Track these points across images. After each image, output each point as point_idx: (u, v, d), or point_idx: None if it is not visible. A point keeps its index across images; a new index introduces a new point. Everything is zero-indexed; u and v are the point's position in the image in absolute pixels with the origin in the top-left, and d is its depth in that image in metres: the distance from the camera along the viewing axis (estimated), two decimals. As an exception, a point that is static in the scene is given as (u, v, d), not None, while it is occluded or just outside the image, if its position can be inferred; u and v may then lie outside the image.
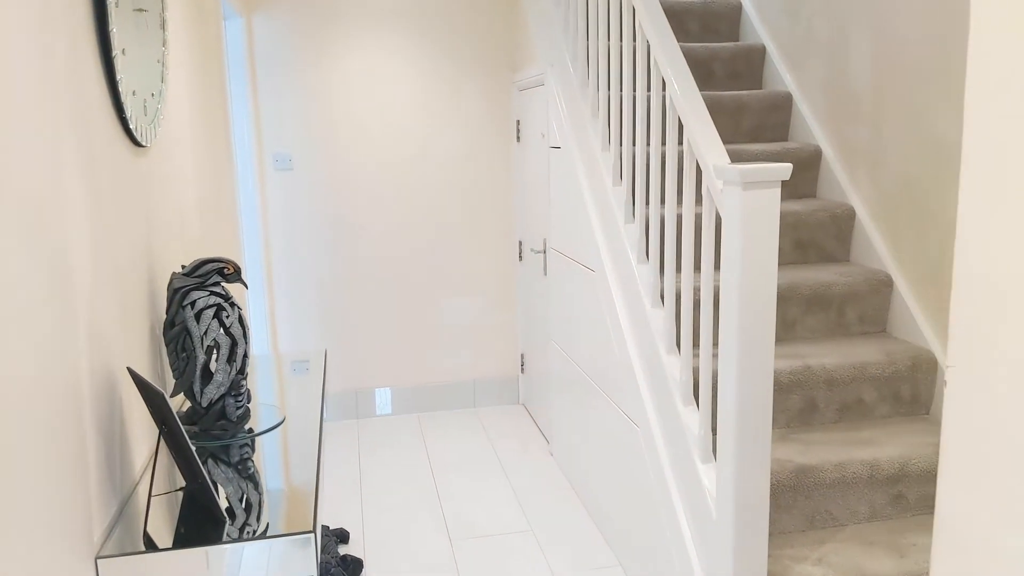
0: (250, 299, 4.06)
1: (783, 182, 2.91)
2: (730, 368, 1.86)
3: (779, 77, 3.32)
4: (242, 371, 1.87)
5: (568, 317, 3.35)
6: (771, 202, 1.80)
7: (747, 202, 1.78)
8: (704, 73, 3.31)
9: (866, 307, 2.70)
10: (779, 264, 2.82)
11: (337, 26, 4.01)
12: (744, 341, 1.83)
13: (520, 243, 4.33)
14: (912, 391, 2.51)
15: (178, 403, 2.04)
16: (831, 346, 2.60)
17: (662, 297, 2.52)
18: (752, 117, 3.22)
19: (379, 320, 4.28)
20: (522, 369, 4.46)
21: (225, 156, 3.00)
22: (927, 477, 2.29)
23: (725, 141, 3.17)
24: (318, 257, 4.17)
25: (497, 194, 4.30)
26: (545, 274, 3.80)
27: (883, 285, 2.68)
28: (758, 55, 3.42)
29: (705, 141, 2.02)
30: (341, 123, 4.08)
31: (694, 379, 2.40)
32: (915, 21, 2.53)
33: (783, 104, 3.23)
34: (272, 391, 2.23)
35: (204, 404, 1.83)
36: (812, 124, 3.12)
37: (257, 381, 2.33)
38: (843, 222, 2.87)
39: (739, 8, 3.60)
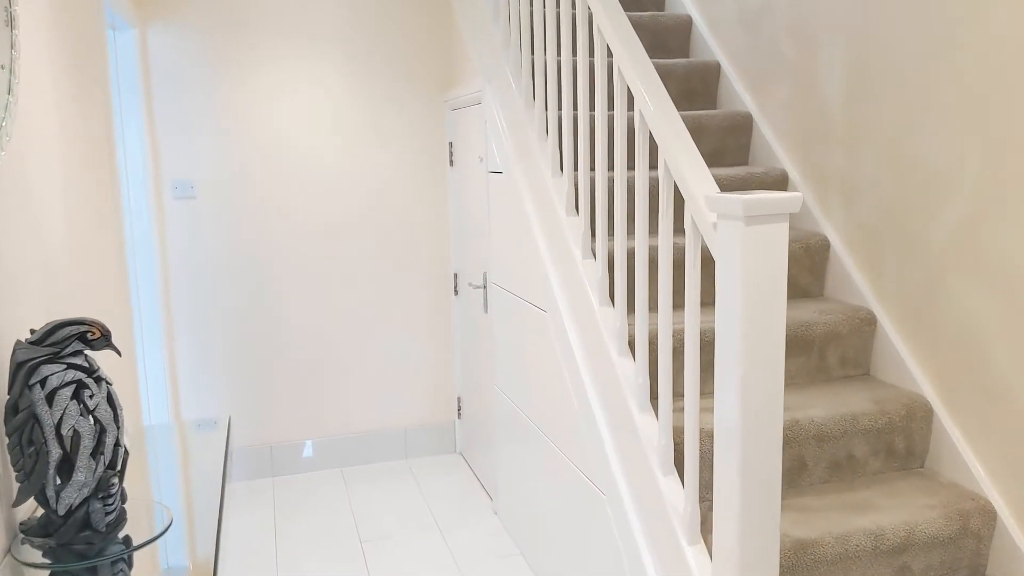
0: (146, 349, 3.55)
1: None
2: (732, 434, 1.53)
3: (737, 97, 3.08)
4: (113, 465, 1.44)
5: (514, 360, 2.99)
6: (779, 239, 1.49)
7: (751, 239, 1.47)
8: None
9: (847, 348, 2.44)
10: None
11: (247, 40, 3.58)
12: (749, 400, 1.51)
13: (456, 276, 3.95)
14: (906, 443, 2.25)
15: (27, 510, 1.57)
16: (815, 394, 2.32)
17: (631, 344, 2.19)
18: (711, 140, 2.95)
19: (298, 364, 3.83)
20: (459, 414, 4.07)
21: (109, 185, 2.53)
22: (932, 544, 2.02)
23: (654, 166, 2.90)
24: (226, 296, 3.69)
25: (429, 223, 3.92)
26: (486, 311, 3.43)
27: (865, 323, 2.43)
28: (713, 73, 3.17)
29: (689, 165, 1.71)
30: (252, 147, 3.64)
31: (676, 441, 2.08)
32: (894, 36, 2.31)
33: (743, 125, 2.98)
34: (162, 479, 1.78)
35: (62, 512, 1.38)
36: (776, 147, 2.87)
37: (147, 463, 1.87)
38: (817, 253, 2.61)
39: (689, 22, 3.35)
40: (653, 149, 2.91)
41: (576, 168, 2.67)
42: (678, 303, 2.48)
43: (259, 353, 3.76)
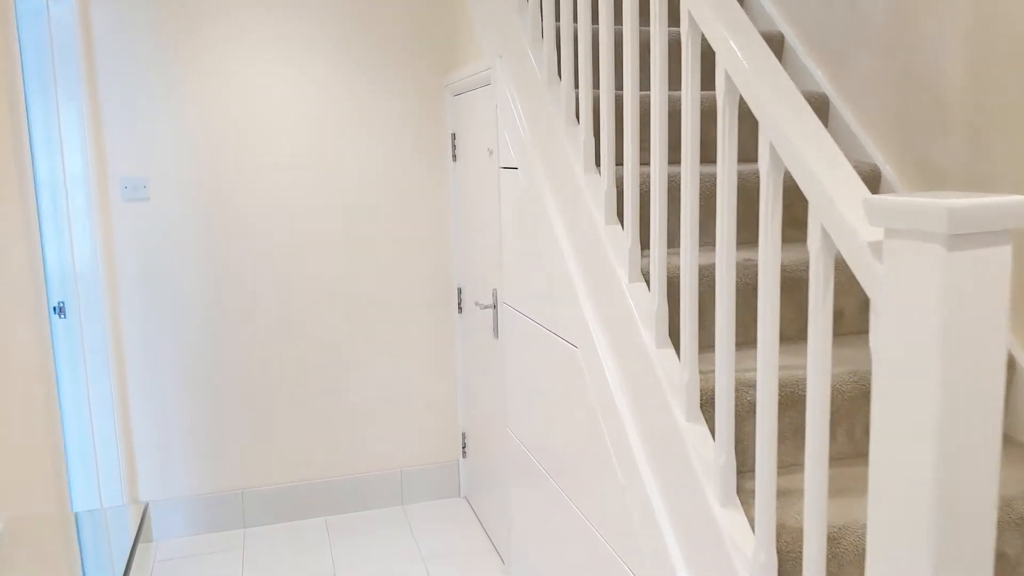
0: (89, 378, 2.97)
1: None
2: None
3: (806, 74, 2.49)
4: None
5: (532, 401, 2.40)
6: (999, 272, 0.91)
7: (957, 271, 0.88)
8: (707, 68, 2.45)
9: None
10: (845, 342, 1.95)
11: (211, 11, 2.99)
12: (949, 512, 0.92)
13: (460, 291, 3.37)
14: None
15: None
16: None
17: (705, 404, 1.60)
18: (778, 126, 2.36)
19: (273, 396, 3.24)
20: (464, 453, 3.49)
21: (14, 187, 1.94)
22: None
23: (743, 159, 2.31)
24: (188, 317, 3.11)
25: (428, 229, 3.34)
26: (496, 335, 2.85)
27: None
28: (775, 45, 2.58)
29: (818, 153, 1.13)
30: (217, 139, 3.06)
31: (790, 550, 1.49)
32: (1046, -19, 1.72)
33: (817, 109, 2.39)
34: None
35: None
36: (862, 136, 2.28)
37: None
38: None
39: (742, -13, 2.77)
40: (746, 131, 2.30)
41: (621, 162, 2.08)
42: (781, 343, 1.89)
43: (228, 384, 3.18)
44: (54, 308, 2.91)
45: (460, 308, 3.37)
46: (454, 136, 3.27)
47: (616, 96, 2.14)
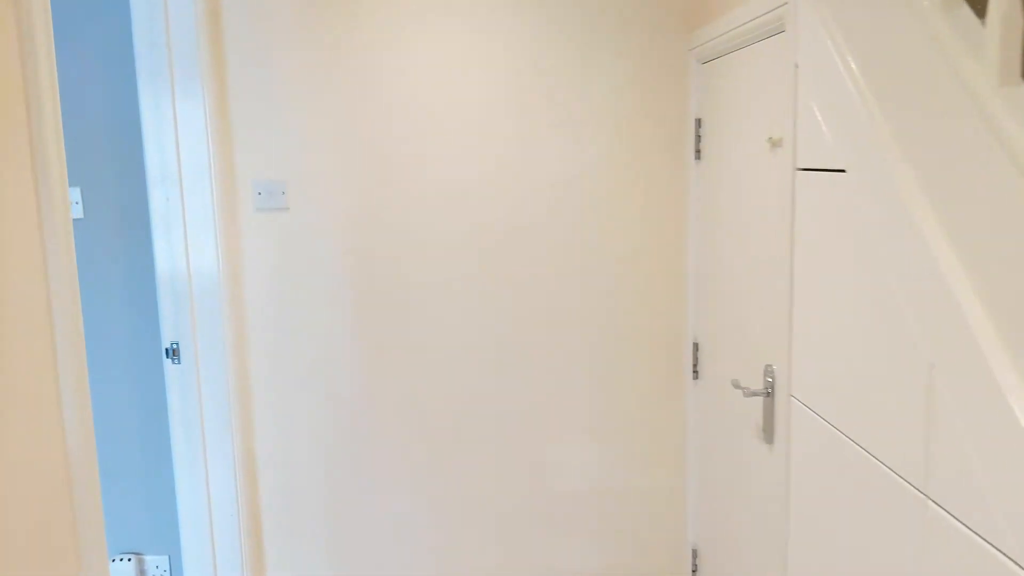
0: (208, 447, 2.28)
1: None
2: None
3: None
4: None
5: (842, 562, 1.34)
6: None
7: None
8: None
9: None
10: None
11: (370, -48, 2.20)
12: None
13: (696, 348, 2.35)
14: None
15: None
16: None
17: None
18: None
19: (436, 474, 2.40)
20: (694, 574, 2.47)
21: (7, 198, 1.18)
22: None
23: None
24: (333, 363, 2.34)
25: (651, 258, 2.35)
26: (769, 440, 1.80)
27: None
28: None
29: None
30: (375, 133, 2.26)
31: None
32: None
33: None
34: None
35: None
36: None
37: None
38: None
39: None
40: None
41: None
42: None
43: (379, 454, 2.38)
44: (166, 350, 2.25)
45: (695, 373, 2.35)
46: (699, 123, 2.25)
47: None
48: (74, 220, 2.27)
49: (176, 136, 2.15)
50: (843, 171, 1.35)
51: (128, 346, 2.41)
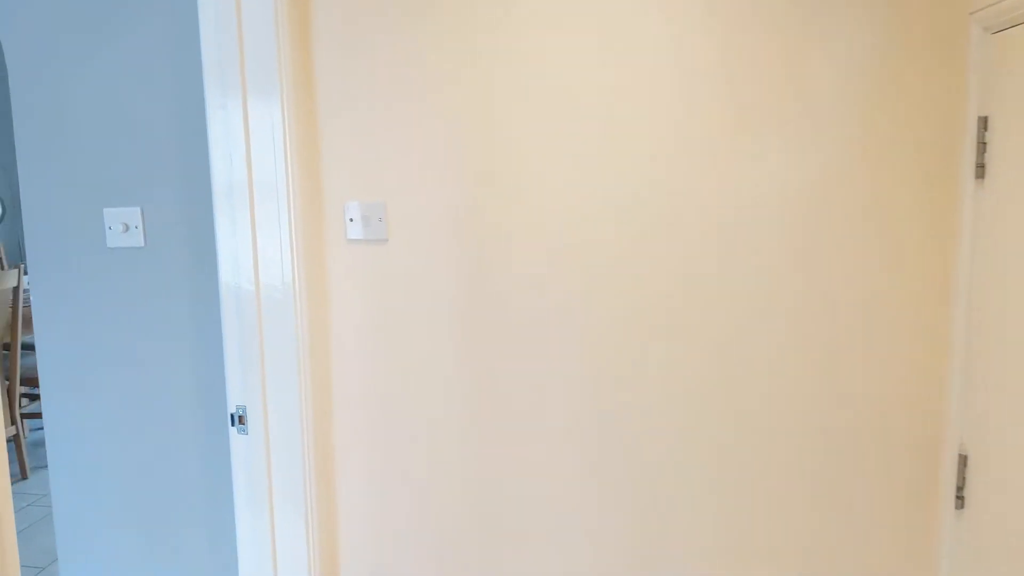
0: (278, 538, 1.79)
1: None
2: None
3: None
4: None
5: None
6: None
7: None
8: None
9: None
10: None
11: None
12: None
13: (963, 463, 1.56)
14: None
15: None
16: None
17: None
18: None
19: (567, 606, 1.77)
20: None
21: None
22: None
23: None
24: (440, 440, 1.78)
25: (895, 318, 1.59)
26: None
27: None
28: None
29: None
30: (504, 141, 1.67)
31: None
32: None
33: None
34: None
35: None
36: None
37: None
38: None
39: None
40: None
41: None
42: None
43: (491, 561, 1.79)
44: (231, 416, 1.78)
45: (959, 499, 1.57)
46: (984, 122, 1.48)
47: None
48: (134, 249, 1.86)
49: (247, 147, 1.67)
50: None
51: (196, 397, 1.98)
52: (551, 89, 1.62)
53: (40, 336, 1.92)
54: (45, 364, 1.93)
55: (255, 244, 1.70)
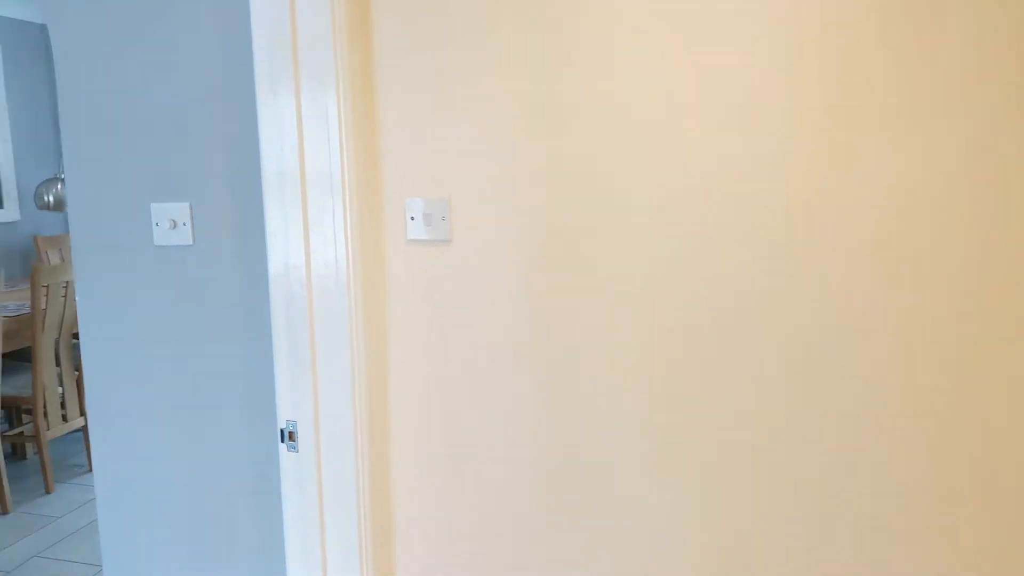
0: (329, 564, 1.64)
1: None
2: None
3: None
4: None
5: None
6: None
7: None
8: None
9: None
10: None
11: None
12: None
13: None
14: None
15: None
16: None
17: None
18: None
19: (647, 656, 1.57)
20: None
21: None
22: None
23: None
24: (505, 468, 1.60)
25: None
26: None
27: None
28: None
29: None
30: (602, 127, 1.47)
31: None
32: None
33: None
34: None
35: None
36: None
37: None
38: None
39: None
40: None
41: None
42: None
43: (561, 609, 1.60)
44: (281, 432, 1.64)
45: None
46: None
47: None
48: (182, 247, 1.73)
49: (300, 135, 1.52)
50: None
51: (247, 404, 1.85)
52: (650, 70, 1.40)
53: (85, 337, 1.82)
54: (90, 366, 1.84)
55: (307, 240, 1.55)
